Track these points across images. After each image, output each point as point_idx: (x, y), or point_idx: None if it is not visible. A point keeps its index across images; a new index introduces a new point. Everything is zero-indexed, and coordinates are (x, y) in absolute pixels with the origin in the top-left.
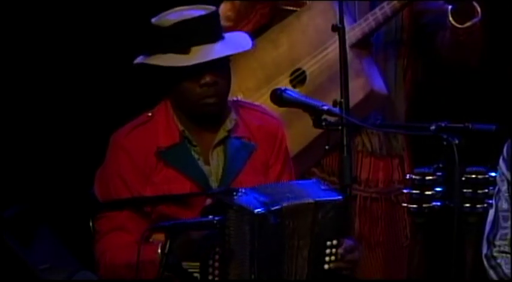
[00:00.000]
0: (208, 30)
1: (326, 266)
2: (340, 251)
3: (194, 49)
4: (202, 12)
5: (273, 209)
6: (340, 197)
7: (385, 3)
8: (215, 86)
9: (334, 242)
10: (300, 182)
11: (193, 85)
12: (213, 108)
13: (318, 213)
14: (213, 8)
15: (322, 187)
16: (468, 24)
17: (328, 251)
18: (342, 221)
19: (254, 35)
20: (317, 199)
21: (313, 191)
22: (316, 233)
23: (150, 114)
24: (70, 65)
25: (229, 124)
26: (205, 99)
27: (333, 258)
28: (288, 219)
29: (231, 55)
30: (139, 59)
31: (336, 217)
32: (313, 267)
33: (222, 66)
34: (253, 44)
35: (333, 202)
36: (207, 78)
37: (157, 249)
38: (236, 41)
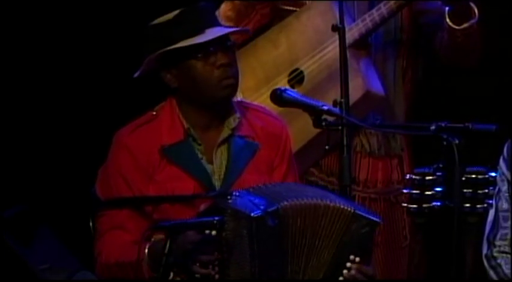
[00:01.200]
0: (210, 15)
1: (341, 278)
2: (357, 267)
3: (208, 30)
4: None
5: (269, 210)
6: (378, 220)
7: (381, 4)
8: (230, 67)
9: (357, 259)
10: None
11: (210, 68)
12: (232, 91)
13: (353, 224)
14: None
15: (363, 207)
16: (465, 25)
17: (348, 264)
18: (371, 243)
19: (254, 34)
20: (357, 211)
21: (353, 204)
22: (344, 241)
23: (154, 113)
24: (71, 65)
25: (233, 122)
26: (224, 80)
27: (350, 274)
28: (292, 219)
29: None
30: (149, 59)
31: (367, 237)
32: (329, 273)
33: (232, 50)
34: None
35: (370, 221)
36: (223, 60)
37: (145, 248)
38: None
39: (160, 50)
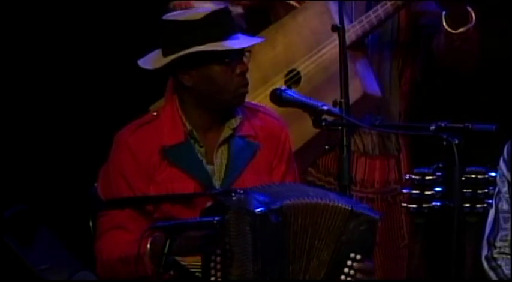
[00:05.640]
0: (233, 21)
1: (343, 277)
2: (358, 265)
3: (238, 36)
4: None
5: (273, 207)
6: (377, 216)
7: (378, 6)
8: (245, 75)
9: (358, 256)
10: (340, 193)
11: (231, 74)
12: (244, 99)
13: (351, 222)
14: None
15: (363, 204)
16: (462, 29)
17: (349, 262)
18: (371, 240)
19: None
20: (354, 208)
21: (352, 202)
22: (342, 240)
23: (155, 113)
24: (71, 64)
25: (234, 122)
26: (241, 88)
27: (351, 272)
28: (294, 217)
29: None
30: (166, 58)
31: (367, 233)
32: (330, 273)
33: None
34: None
35: (368, 217)
36: (244, 68)
37: (147, 243)
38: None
39: (193, 49)
